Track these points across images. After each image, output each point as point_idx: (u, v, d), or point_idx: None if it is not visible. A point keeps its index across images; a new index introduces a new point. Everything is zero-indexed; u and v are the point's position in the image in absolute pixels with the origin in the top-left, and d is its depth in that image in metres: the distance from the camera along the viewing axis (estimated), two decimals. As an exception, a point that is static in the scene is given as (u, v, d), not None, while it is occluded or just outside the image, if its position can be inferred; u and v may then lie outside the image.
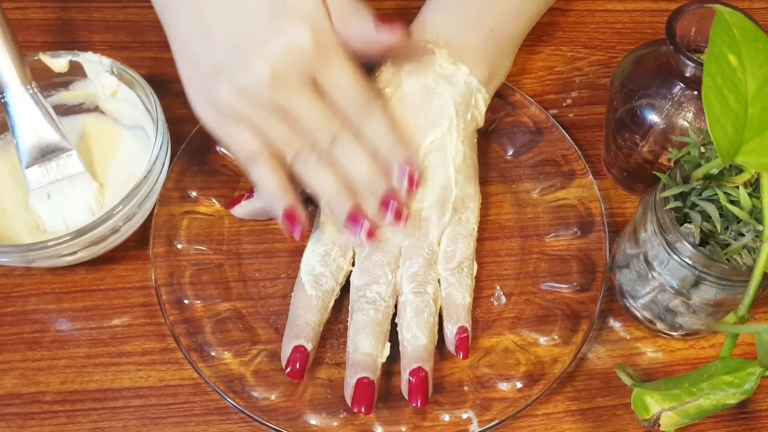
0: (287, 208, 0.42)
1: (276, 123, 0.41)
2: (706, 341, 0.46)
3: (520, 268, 0.48)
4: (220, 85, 0.40)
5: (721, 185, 0.38)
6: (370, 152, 0.43)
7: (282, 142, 0.41)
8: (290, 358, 0.42)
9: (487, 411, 0.43)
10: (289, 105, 0.40)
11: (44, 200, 0.46)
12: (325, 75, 0.41)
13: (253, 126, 0.41)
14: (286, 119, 0.41)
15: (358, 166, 0.42)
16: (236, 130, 0.41)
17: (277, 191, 0.42)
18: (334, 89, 0.41)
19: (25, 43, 0.46)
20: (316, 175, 0.42)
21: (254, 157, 0.41)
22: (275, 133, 0.41)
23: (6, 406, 0.43)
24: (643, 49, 0.47)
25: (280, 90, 0.40)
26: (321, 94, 0.41)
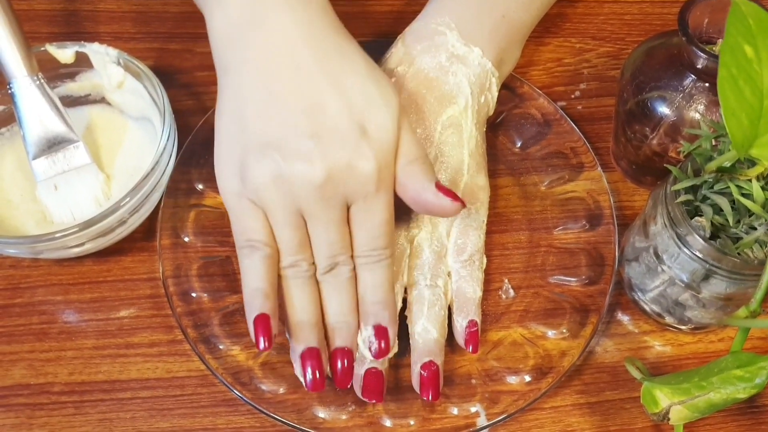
0: (261, 315, 0.39)
1: (294, 227, 0.39)
2: (715, 335, 0.46)
3: (529, 261, 0.48)
4: (263, 163, 0.38)
5: (734, 178, 0.37)
6: (355, 298, 0.41)
7: (288, 247, 0.39)
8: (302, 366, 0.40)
9: (496, 404, 0.42)
10: (317, 216, 0.39)
11: (51, 191, 0.46)
12: (361, 208, 0.39)
13: (269, 216, 0.39)
14: (303, 228, 0.39)
15: (339, 307, 0.40)
16: (251, 211, 0.39)
17: (260, 293, 0.39)
18: (362, 225, 0.40)
19: (31, 34, 0.46)
20: (299, 294, 0.40)
21: (254, 247, 0.39)
22: (288, 236, 0.39)
23: (15, 396, 0.43)
24: (654, 40, 0.47)
25: (320, 199, 0.38)
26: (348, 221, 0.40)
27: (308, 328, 0.40)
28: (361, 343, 0.41)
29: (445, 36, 0.46)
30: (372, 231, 0.40)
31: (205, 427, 0.42)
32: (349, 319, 0.41)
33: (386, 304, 0.41)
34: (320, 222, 0.39)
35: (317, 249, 0.40)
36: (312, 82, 0.38)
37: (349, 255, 0.40)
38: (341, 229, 0.39)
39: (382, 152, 0.39)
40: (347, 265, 0.40)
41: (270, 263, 0.39)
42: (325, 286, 0.41)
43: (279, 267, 0.40)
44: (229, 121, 0.40)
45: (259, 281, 0.39)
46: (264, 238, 0.39)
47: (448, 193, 0.40)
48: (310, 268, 0.40)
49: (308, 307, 0.40)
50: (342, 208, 0.39)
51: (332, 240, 0.39)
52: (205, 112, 0.50)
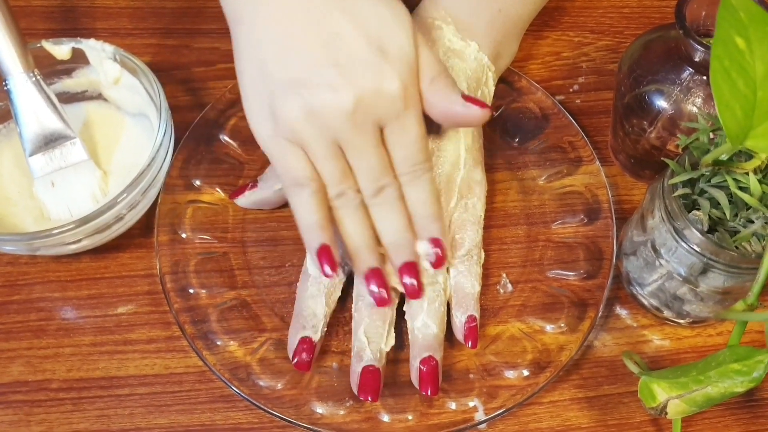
0: (323, 245, 0.40)
1: (333, 156, 0.39)
2: (714, 329, 0.46)
3: (527, 256, 0.48)
4: (290, 101, 0.38)
5: (731, 171, 0.37)
6: (407, 215, 0.41)
7: (333, 178, 0.40)
8: (297, 349, 0.41)
9: (494, 399, 0.42)
10: (353, 143, 0.39)
11: (48, 188, 0.46)
12: (395, 128, 0.40)
13: (308, 152, 0.39)
14: (343, 158, 0.40)
15: (393, 227, 0.41)
16: (291, 151, 0.39)
17: (316, 226, 0.40)
18: (398, 144, 0.40)
19: (27, 30, 0.46)
20: (352, 221, 0.41)
21: (301, 185, 0.40)
22: (329, 167, 0.40)
23: (13, 393, 0.43)
24: (651, 33, 0.46)
25: (352, 126, 0.38)
26: (384, 141, 0.40)
27: (367, 251, 0.41)
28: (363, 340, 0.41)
29: (442, 30, 0.46)
30: (409, 148, 0.40)
31: (203, 423, 0.43)
32: (406, 235, 0.41)
33: (435, 217, 0.41)
34: (357, 149, 0.39)
35: (360, 176, 0.40)
36: (325, 15, 0.38)
37: (392, 176, 0.41)
38: (379, 152, 0.40)
39: (404, 71, 0.39)
40: (392, 186, 0.41)
41: (319, 197, 0.40)
42: (375, 210, 0.41)
43: (328, 199, 0.41)
44: (251, 68, 0.40)
45: (312, 215, 0.40)
46: (308, 174, 0.40)
47: (475, 101, 0.41)
48: (357, 195, 0.41)
49: (363, 231, 0.41)
50: (375, 131, 0.39)
51: (372, 164, 0.40)
52: (203, 108, 0.50)
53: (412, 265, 0.41)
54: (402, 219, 0.41)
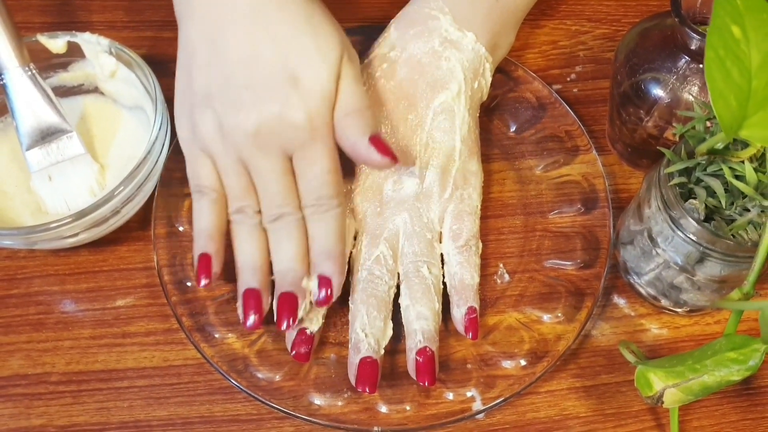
0: (203, 254, 0.41)
1: (236, 174, 0.41)
2: (711, 317, 0.46)
3: (524, 246, 0.48)
4: (204, 113, 0.40)
5: (726, 160, 0.37)
6: (303, 246, 0.42)
7: (233, 193, 0.42)
8: (295, 341, 0.42)
9: (491, 389, 0.43)
10: (256, 166, 0.40)
11: (45, 182, 0.46)
12: (300, 158, 0.41)
13: (216, 164, 0.41)
14: (247, 176, 0.41)
15: (283, 255, 0.41)
16: (201, 159, 0.42)
17: (203, 233, 0.42)
18: (303, 175, 0.41)
19: (22, 24, 0.46)
20: (244, 239, 0.42)
21: (202, 192, 0.42)
22: (231, 182, 0.41)
23: (12, 386, 0.43)
24: (648, 21, 0.46)
25: (256, 148, 0.40)
26: (292, 170, 0.41)
27: (250, 271, 0.42)
28: (360, 331, 0.41)
29: (438, 20, 0.46)
30: (314, 180, 0.41)
31: (202, 415, 0.43)
32: (294, 266, 0.41)
33: (330, 254, 0.42)
34: (260, 172, 0.41)
35: (262, 198, 0.42)
36: (250, 35, 0.40)
37: (295, 206, 0.41)
38: (283, 179, 0.41)
39: (313, 102, 0.40)
40: (293, 215, 0.41)
41: (216, 208, 0.42)
42: (271, 235, 0.42)
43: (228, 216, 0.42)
44: (181, 74, 0.42)
45: (205, 223, 0.42)
46: (211, 184, 0.42)
47: (379, 146, 0.41)
48: (256, 215, 0.42)
49: (252, 251, 0.42)
50: (281, 158, 0.40)
51: (274, 190, 0.41)
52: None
53: (290, 297, 0.41)
54: (294, 249, 0.41)
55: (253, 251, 0.42)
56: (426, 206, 0.45)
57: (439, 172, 0.45)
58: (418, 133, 0.45)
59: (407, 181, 0.45)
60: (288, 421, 0.43)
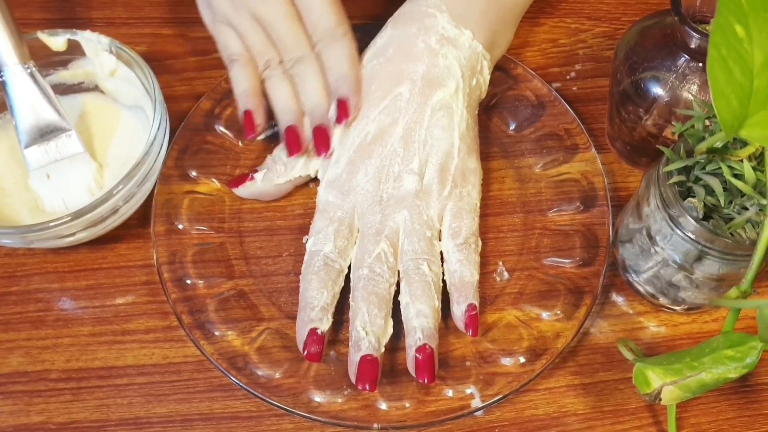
0: (246, 111, 0.46)
1: (255, 32, 0.45)
2: (709, 315, 0.46)
3: (523, 244, 0.48)
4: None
5: (725, 159, 0.37)
6: (323, 82, 0.46)
7: (256, 50, 0.46)
8: (306, 342, 0.41)
9: (490, 386, 0.43)
10: (265, 16, 0.44)
11: (44, 180, 0.46)
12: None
13: (237, 30, 0.46)
14: (263, 31, 0.45)
15: (307, 93, 0.46)
16: (224, 31, 0.46)
17: (244, 93, 0.46)
18: (306, 12, 0.45)
19: (22, 21, 0.46)
20: (276, 87, 0.46)
21: (233, 58, 0.46)
22: (252, 41, 0.46)
23: (12, 384, 0.43)
24: (647, 20, 0.46)
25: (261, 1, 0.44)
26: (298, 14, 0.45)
27: (285, 112, 0.46)
28: (360, 329, 0.42)
29: (435, 18, 0.46)
30: (316, 13, 0.45)
31: (202, 411, 0.43)
32: (320, 100, 0.46)
33: (344, 77, 0.46)
34: (268, 20, 0.45)
35: (279, 48, 0.46)
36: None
37: (309, 46, 0.46)
38: (290, 21, 0.45)
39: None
40: (308, 56, 0.46)
41: (248, 70, 0.47)
42: (296, 80, 0.46)
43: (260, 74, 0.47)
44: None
45: (242, 86, 0.47)
46: (238, 50, 0.47)
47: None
48: (280, 66, 0.46)
49: (284, 96, 0.46)
50: (286, 3, 0.45)
51: (285, 34, 0.45)
52: (198, 97, 0.50)
53: (322, 129, 0.46)
54: (316, 85, 0.46)
55: (285, 96, 0.46)
56: (425, 204, 0.45)
57: (438, 169, 0.45)
58: (417, 130, 0.45)
59: (407, 179, 0.45)
60: (287, 418, 0.43)
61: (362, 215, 0.45)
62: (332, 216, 0.45)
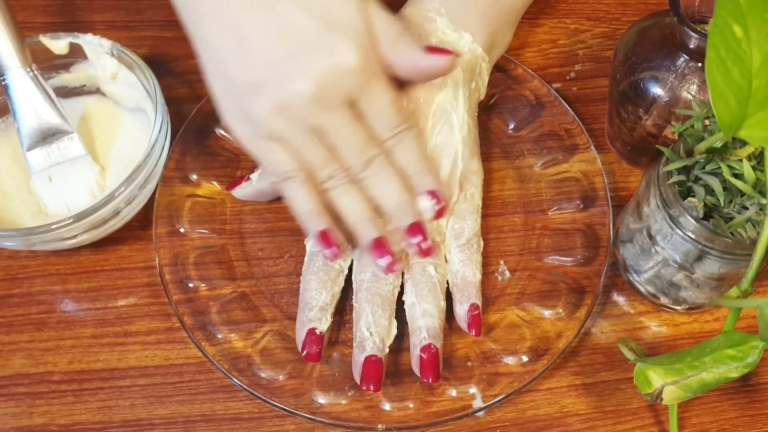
0: (322, 232, 0.41)
1: (312, 144, 0.40)
2: (710, 315, 0.46)
3: (524, 244, 0.48)
4: (257, 101, 0.39)
5: (725, 158, 0.37)
6: (400, 178, 0.42)
7: (317, 164, 0.41)
8: (305, 342, 0.42)
9: (492, 386, 0.43)
10: (328, 125, 0.39)
11: (46, 183, 0.46)
12: (365, 97, 0.40)
13: (288, 145, 0.40)
14: (322, 140, 0.40)
15: (390, 193, 0.42)
16: (271, 148, 0.40)
17: (312, 214, 0.41)
18: (372, 112, 0.40)
19: (24, 24, 0.46)
20: (346, 199, 0.41)
21: (289, 177, 0.41)
22: (311, 154, 0.40)
23: (15, 386, 0.44)
24: (646, 20, 0.46)
25: (321, 110, 0.39)
26: (358, 115, 0.40)
27: (367, 223, 0.42)
28: (365, 330, 0.42)
29: (435, 23, 0.46)
30: (384, 114, 0.41)
31: (204, 413, 0.43)
32: (405, 198, 0.42)
33: (427, 171, 0.43)
34: (334, 130, 0.40)
35: (345, 154, 0.41)
36: (268, 7, 0.39)
37: (377, 146, 0.41)
38: (356, 127, 0.40)
39: (358, 40, 0.39)
40: (379, 155, 0.41)
41: (309, 186, 0.41)
42: (369, 182, 0.41)
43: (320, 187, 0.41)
44: (216, 79, 0.41)
45: (307, 205, 0.41)
46: (293, 166, 0.41)
47: (440, 51, 0.42)
48: (346, 174, 0.41)
49: (359, 205, 0.42)
50: (347, 108, 0.40)
51: (353, 141, 0.40)
52: (199, 100, 0.50)
53: (417, 226, 0.42)
54: (397, 183, 0.42)
55: (360, 204, 0.42)
56: None
57: (444, 176, 0.45)
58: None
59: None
60: (290, 419, 0.43)
61: None
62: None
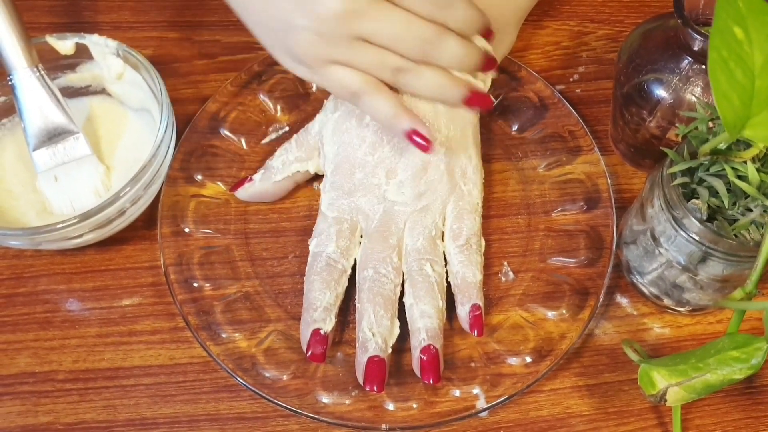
0: (412, 128, 0.41)
1: (363, 50, 0.40)
2: (714, 317, 0.46)
3: (527, 245, 0.48)
4: (295, 37, 0.40)
5: (729, 160, 0.37)
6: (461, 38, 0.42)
7: (376, 66, 0.41)
8: (310, 342, 0.42)
9: (495, 387, 0.43)
10: (369, 28, 0.40)
11: (51, 183, 0.46)
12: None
13: (345, 62, 0.41)
14: (372, 43, 0.40)
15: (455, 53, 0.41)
16: (331, 72, 0.41)
17: (396, 114, 0.41)
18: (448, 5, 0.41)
19: (30, 25, 0.46)
20: (422, 80, 0.41)
21: (360, 91, 0.41)
22: (369, 59, 0.40)
23: (20, 384, 0.44)
24: (650, 22, 0.46)
25: (355, 18, 0.39)
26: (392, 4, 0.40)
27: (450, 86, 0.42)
28: (367, 330, 0.42)
29: None
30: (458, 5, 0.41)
31: (208, 412, 0.43)
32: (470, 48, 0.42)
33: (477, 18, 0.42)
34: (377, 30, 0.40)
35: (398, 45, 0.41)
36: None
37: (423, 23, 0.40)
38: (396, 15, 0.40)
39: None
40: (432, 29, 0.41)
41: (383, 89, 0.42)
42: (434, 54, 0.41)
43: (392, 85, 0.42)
44: (261, 33, 0.43)
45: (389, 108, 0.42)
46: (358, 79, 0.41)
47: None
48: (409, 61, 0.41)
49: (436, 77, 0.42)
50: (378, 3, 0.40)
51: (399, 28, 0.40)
52: (204, 101, 0.51)
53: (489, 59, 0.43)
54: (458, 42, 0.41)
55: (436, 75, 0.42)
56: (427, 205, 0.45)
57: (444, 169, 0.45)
58: None
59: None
60: (293, 419, 0.43)
61: (365, 216, 0.45)
62: (334, 217, 0.45)
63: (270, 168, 0.48)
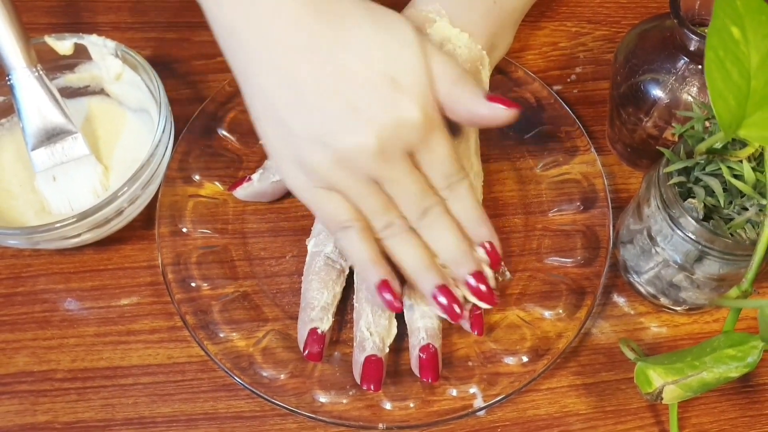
0: (382, 280, 0.40)
1: (371, 193, 0.40)
2: (710, 316, 0.47)
3: (524, 245, 0.48)
4: (316, 153, 0.38)
5: (725, 159, 0.38)
6: (458, 227, 0.41)
7: (375, 213, 0.40)
8: (307, 341, 0.42)
9: (493, 386, 0.43)
10: (388, 176, 0.39)
11: (50, 182, 0.46)
12: (425, 148, 0.39)
13: (346, 195, 0.40)
14: (382, 191, 0.40)
15: (448, 242, 0.41)
16: (327, 198, 0.40)
17: (371, 263, 0.40)
18: (430, 165, 0.40)
19: (28, 25, 0.47)
20: (405, 247, 0.41)
21: (346, 227, 0.40)
22: (370, 204, 0.40)
23: (18, 383, 0.44)
24: (647, 23, 0.47)
25: (382, 162, 0.38)
26: (416, 164, 0.40)
27: (428, 270, 0.41)
28: (365, 330, 0.42)
29: (436, 23, 0.46)
30: (441, 165, 0.40)
31: (206, 411, 0.43)
32: (463, 246, 0.41)
33: (482, 221, 0.42)
34: (393, 181, 0.39)
35: (403, 204, 0.40)
36: (329, 56, 0.38)
37: (433, 195, 0.41)
38: (414, 177, 0.40)
39: (420, 94, 0.39)
40: (436, 204, 0.41)
41: (366, 234, 0.40)
42: (426, 231, 0.41)
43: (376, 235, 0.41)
44: (269, 125, 0.40)
45: (365, 253, 0.40)
46: (350, 215, 0.40)
47: (499, 101, 0.40)
48: (403, 222, 0.41)
49: (419, 253, 0.41)
50: (406, 159, 0.39)
51: (412, 191, 0.40)
52: (202, 101, 0.51)
53: (478, 273, 0.41)
54: (455, 232, 0.41)
55: (419, 252, 0.41)
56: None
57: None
58: None
59: None
60: (291, 418, 0.43)
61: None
62: None
63: (268, 168, 0.48)
